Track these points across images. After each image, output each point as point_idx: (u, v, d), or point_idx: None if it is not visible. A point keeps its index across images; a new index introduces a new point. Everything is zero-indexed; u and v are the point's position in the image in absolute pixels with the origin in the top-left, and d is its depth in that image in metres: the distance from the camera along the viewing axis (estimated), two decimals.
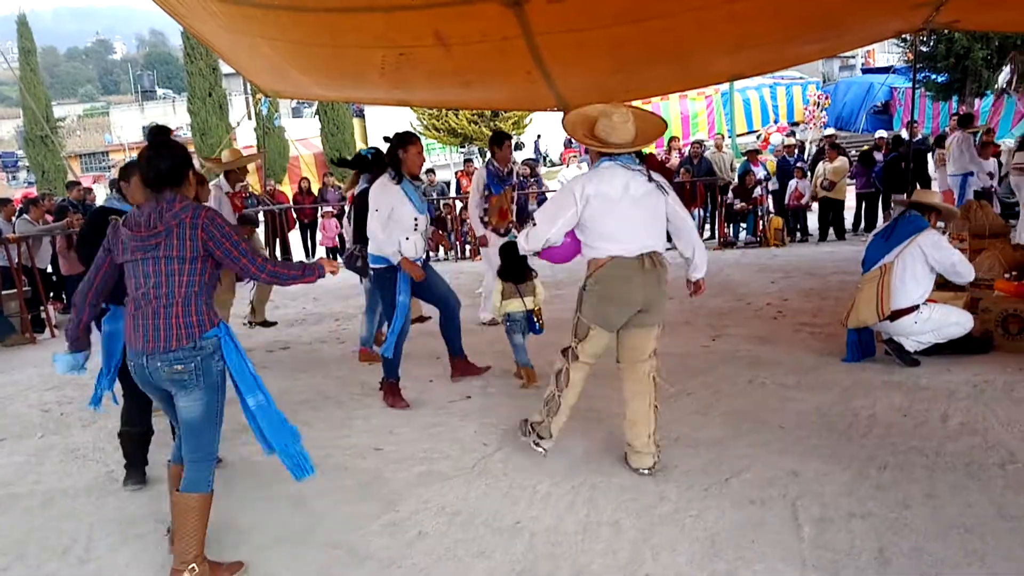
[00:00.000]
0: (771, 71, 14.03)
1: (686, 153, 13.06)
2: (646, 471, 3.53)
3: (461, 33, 7.05)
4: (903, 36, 11.55)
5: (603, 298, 3.52)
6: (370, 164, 5.55)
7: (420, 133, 25.47)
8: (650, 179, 3.51)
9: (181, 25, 7.99)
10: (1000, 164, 10.89)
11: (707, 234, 12.40)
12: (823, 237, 11.70)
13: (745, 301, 7.39)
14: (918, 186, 11.15)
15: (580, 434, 4.02)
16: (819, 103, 24.98)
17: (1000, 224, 6.53)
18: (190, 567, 2.77)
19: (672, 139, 14.95)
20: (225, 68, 23.76)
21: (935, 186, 11.29)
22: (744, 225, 12.09)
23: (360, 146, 28.86)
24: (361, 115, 31.17)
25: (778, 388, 4.66)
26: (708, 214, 12.58)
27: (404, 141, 4.71)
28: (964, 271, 4.78)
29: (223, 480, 3.77)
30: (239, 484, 3.73)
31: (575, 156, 24.35)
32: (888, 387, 4.51)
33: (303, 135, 28.13)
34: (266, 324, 7.58)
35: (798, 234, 11.91)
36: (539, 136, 29.76)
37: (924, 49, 18.89)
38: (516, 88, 9.98)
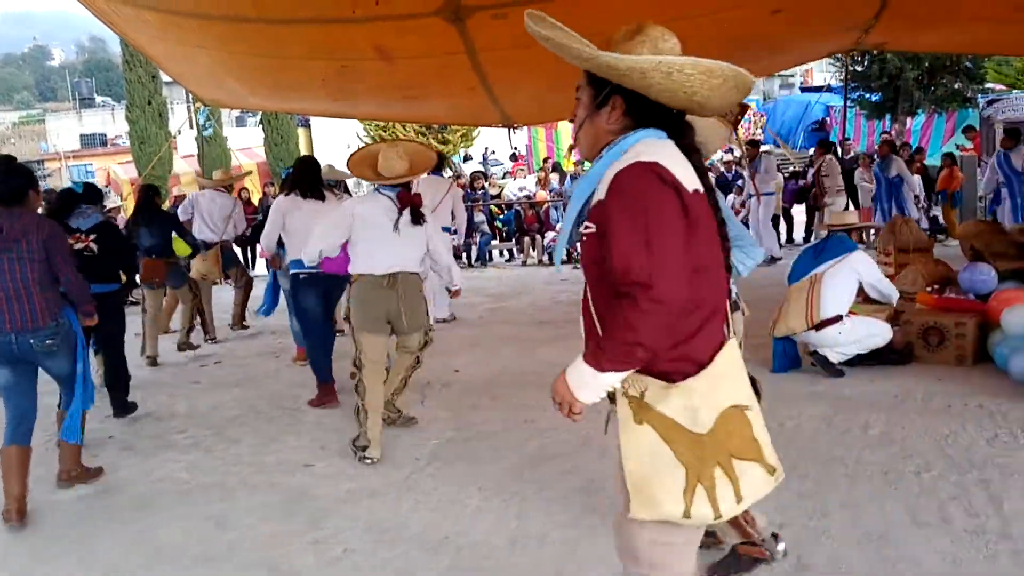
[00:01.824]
0: None
1: None
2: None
3: (403, 47, 7.03)
4: (837, 56, 11.97)
5: (358, 306, 4.01)
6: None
7: (367, 144, 25.32)
8: (400, 211, 4.01)
9: (116, 33, 7.82)
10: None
11: None
12: None
13: None
14: (850, 203, 11.54)
15: (512, 446, 4.03)
16: (755, 122, 25.60)
17: (923, 239, 6.77)
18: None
19: None
20: (165, 76, 23.30)
21: (862, 198, 11.73)
22: None
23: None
24: (307, 125, 30.77)
25: None
26: None
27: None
28: (889, 293, 4.98)
29: (141, 500, 3.68)
30: (158, 504, 3.63)
31: (522, 169, 24.43)
32: (813, 397, 4.62)
33: (246, 145, 27.65)
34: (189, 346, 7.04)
35: None
36: (487, 149, 29.90)
37: (858, 69, 19.52)
38: (460, 103, 9.98)
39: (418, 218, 4.07)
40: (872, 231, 9.30)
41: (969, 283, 5.44)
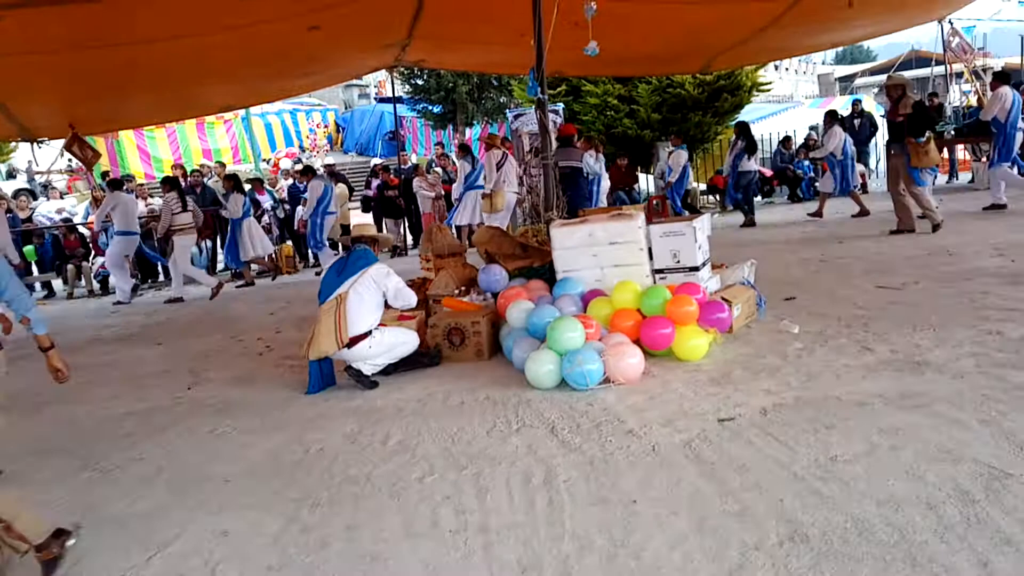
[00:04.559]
0: (265, 102, 14.19)
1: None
2: None
3: None
4: (398, 70, 12.68)
5: None
6: None
7: None
8: None
9: None
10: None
11: (221, 266, 11.91)
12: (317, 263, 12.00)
13: (238, 338, 7.13)
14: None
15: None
16: (326, 132, 26.22)
17: (456, 244, 7.32)
18: None
19: (176, 167, 14.13)
20: None
21: (421, 204, 12.56)
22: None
23: None
24: None
25: (239, 435, 4.47)
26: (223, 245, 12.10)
27: None
28: (407, 298, 5.17)
29: None
30: None
31: (76, 183, 21.58)
32: (346, 414, 4.63)
33: None
34: None
35: (311, 259, 12.10)
36: (31, 162, 25.88)
37: (419, 82, 20.93)
38: None
39: None
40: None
41: (486, 283, 5.98)
